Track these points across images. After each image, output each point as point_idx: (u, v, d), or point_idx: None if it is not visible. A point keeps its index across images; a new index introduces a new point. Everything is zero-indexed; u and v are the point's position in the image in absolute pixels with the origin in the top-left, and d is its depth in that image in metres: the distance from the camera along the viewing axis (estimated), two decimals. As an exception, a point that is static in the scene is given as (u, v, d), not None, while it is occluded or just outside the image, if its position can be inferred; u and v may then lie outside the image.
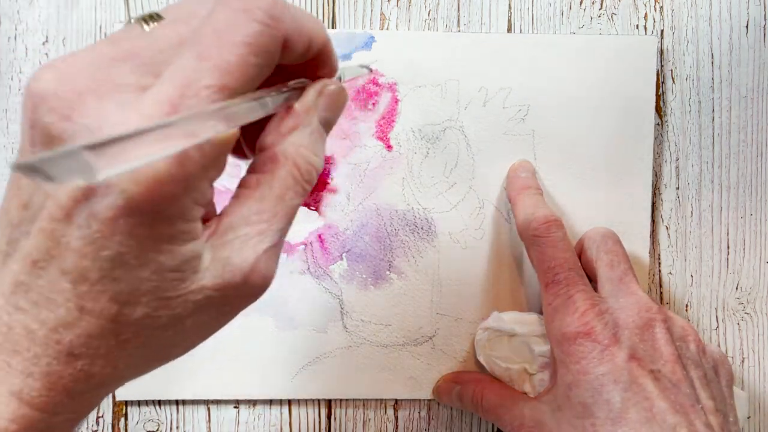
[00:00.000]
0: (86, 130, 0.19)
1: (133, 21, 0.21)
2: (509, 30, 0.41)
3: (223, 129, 0.19)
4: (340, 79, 0.26)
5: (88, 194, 0.19)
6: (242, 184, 0.22)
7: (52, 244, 0.19)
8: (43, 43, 0.39)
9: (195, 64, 0.19)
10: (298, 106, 0.23)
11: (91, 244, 0.19)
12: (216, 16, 0.20)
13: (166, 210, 0.19)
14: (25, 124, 0.20)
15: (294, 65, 0.23)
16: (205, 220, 0.21)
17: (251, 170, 0.23)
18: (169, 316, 0.21)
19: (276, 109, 0.22)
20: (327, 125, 0.24)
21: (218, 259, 0.21)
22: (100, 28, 0.40)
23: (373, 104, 0.40)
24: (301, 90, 0.23)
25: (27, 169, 0.14)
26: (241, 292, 0.22)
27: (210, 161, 0.20)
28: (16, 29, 0.39)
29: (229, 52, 0.20)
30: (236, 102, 0.19)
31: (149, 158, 0.17)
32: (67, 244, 0.19)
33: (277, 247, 0.22)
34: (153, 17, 0.21)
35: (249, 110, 0.20)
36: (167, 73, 0.20)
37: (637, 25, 0.41)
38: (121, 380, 0.22)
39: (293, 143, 0.22)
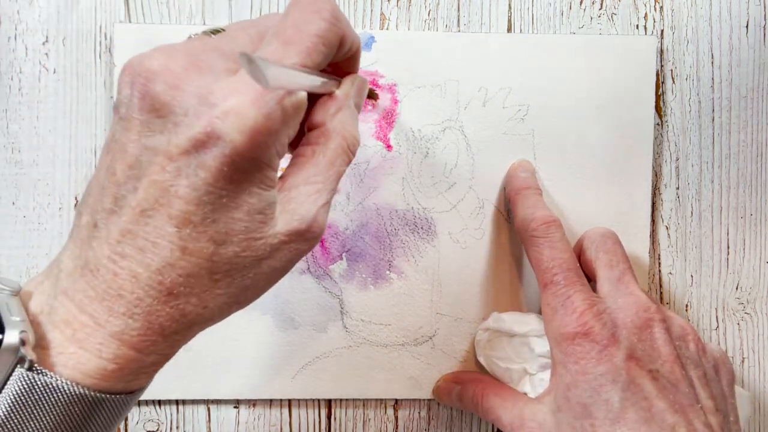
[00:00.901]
0: (193, 96, 0.23)
1: (199, 33, 0.27)
2: (509, 30, 0.41)
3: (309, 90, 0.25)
4: None
5: (197, 147, 0.22)
6: (299, 154, 0.27)
7: (160, 193, 0.23)
8: (43, 43, 0.39)
9: (282, 48, 0.24)
10: (339, 92, 0.28)
11: (197, 190, 0.23)
12: (293, 15, 0.25)
13: (260, 157, 0.23)
14: (133, 96, 0.24)
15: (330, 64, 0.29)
16: None
17: (305, 143, 0.27)
18: (252, 258, 0.24)
19: (321, 89, 0.27)
20: (357, 108, 0.30)
21: (287, 210, 0.25)
22: (100, 28, 0.40)
23: (373, 105, 0.40)
24: (335, 82, 0.29)
25: (246, 59, 0.21)
26: (304, 238, 0.26)
27: (290, 119, 0.24)
28: (16, 29, 0.39)
29: (307, 40, 0.25)
30: (316, 72, 0.25)
31: (293, 85, 0.23)
32: (175, 192, 0.23)
33: (329, 204, 0.27)
34: (218, 30, 0.26)
35: (316, 82, 0.26)
36: (257, 55, 0.24)
37: (637, 25, 0.41)
38: (207, 322, 0.25)
39: (339, 121, 0.27)
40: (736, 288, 0.42)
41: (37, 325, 0.24)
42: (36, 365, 0.22)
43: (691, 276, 0.42)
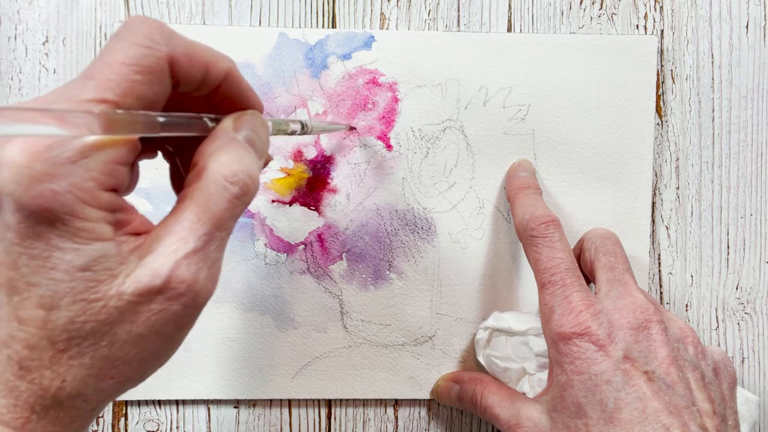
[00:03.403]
0: None
1: None
2: (509, 30, 0.41)
3: (101, 134, 0.21)
4: (304, 126, 0.32)
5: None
6: (177, 200, 0.24)
7: None
8: (43, 43, 0.39)
9: (80, 84, 0.22)
10: (218, 127, 0.25)
11: (10, 253, 0.21)
12: (104, 48, 0.23)
13: (53, 207, 0.21)
14: None
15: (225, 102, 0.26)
16: (138, 233, 0.23)
17: (185, 185, 0.24)
18: (94, 323, 0.22)
19: (193, 131, 0.25)
20: (252, 143, 0.26)
21: (141, 266, 0.22)
22: (100, 28, 0.40)
23: (373, 104, 0.40)
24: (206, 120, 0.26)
25: None
26: (165, 297, 0.22)
27: (92, 164, 0.21)
28: (16, 29, 0.39)
29: (110, 72, 0.22)
30: (116, 112, 0.21)
31: (25, 130, 0.19)
32: None
33: (200, 252, 0.23)
34: None
35: (132, 123, 0.22)
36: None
37: (637, 25, 0.41)
38: (76, 398, 0.23)
39: (216, 158, 0.24)
40: (736, 288, 0.42)
41: None
42: None
43: (691, 276, 0.42)
